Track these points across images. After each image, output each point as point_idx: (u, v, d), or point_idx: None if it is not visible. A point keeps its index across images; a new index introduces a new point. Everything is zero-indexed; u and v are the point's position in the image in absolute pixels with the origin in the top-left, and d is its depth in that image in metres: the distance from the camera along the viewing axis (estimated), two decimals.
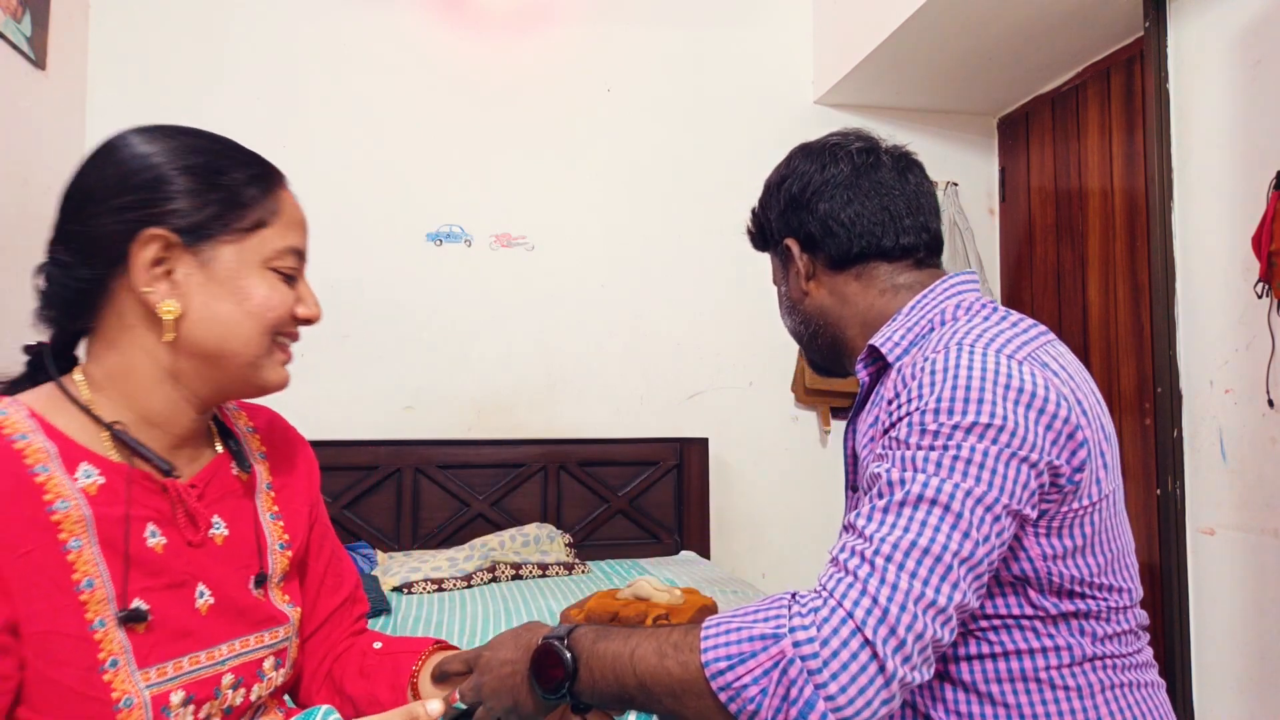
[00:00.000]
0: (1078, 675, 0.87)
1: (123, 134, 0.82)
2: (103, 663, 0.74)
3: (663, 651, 0.80)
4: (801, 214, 1.04)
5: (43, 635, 0.72)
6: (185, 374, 0.82)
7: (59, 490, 0.75)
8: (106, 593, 0.76)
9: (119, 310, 0.80)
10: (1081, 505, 0.87)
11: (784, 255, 1.08)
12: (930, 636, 0.75)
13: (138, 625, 0.77)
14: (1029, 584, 0.87)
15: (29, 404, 0.79)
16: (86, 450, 0.78)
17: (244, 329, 0.81)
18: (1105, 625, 0.89)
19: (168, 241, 0.78)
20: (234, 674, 0.84)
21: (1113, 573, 0.90)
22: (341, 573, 1.02)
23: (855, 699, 0.73)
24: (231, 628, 0.85)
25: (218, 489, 0.88)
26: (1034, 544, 0.86)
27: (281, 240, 0.84)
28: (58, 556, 0.73)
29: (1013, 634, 0.88)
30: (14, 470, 0.73)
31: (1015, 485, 0.80)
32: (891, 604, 0.74)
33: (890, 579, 0.75)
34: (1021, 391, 0.82)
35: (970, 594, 0.77)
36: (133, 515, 0.79)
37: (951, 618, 0.76)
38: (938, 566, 0.76)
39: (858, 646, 0.73)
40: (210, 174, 0.81)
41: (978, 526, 0.78)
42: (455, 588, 2.49)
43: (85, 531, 0.75)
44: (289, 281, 0.85)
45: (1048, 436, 0.82)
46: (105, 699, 0.73)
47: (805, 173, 1.06)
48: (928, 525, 0.77)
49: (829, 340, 1.08)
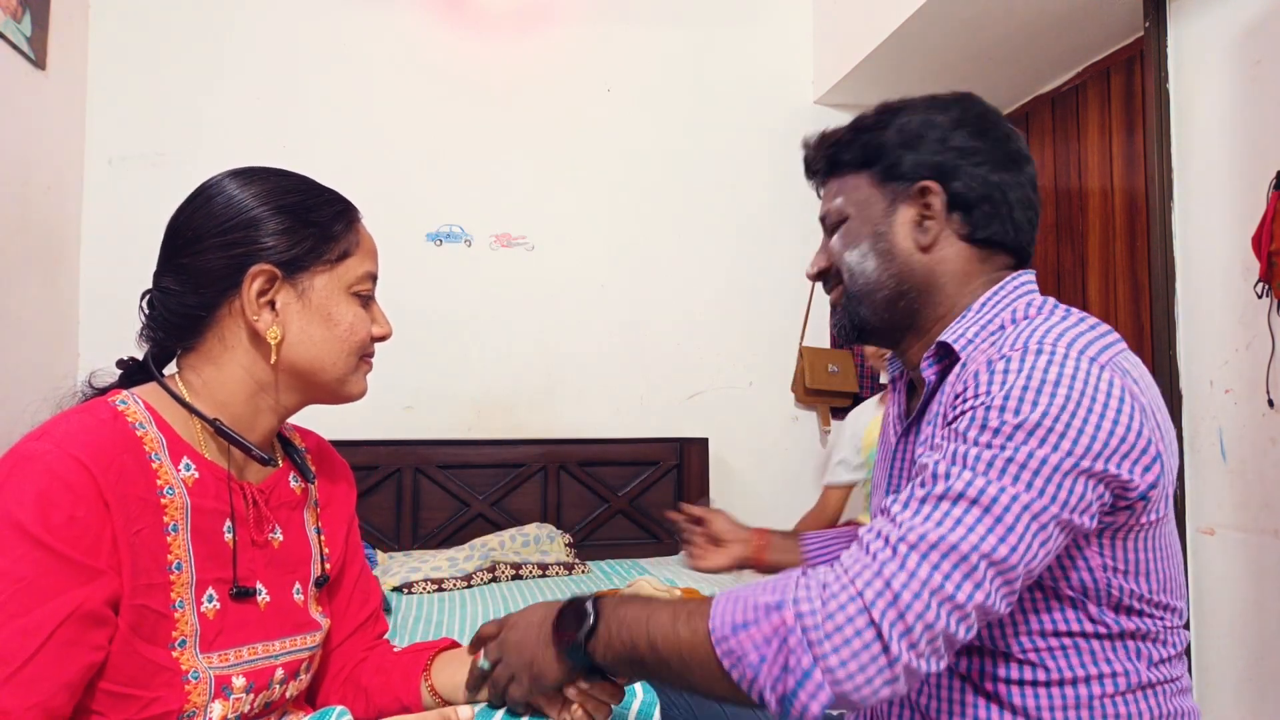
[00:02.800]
0: (1130, 703, 0.85)
1: (220, 178, 0.92)
2: (174, 641, 0.82)
3: (676, 617, 0.81)
4: (965, 166, 0.93)
5: (138, 609, 0.79)
6: (278, 387, 0.92)
7: (167, 478, 0.84)
8: (189, 577, 0.84)
9: (221, 333, 0.90)
10: (1150, 520, 0.83)
11: (902, 195, 0.95)
12: (942, 629, 0.73)
13: (245, 600, 0.88)
14: (1089, 597, 0.84)
15: (143, 398, 0.88)
16: (188, 445, 0.88)
17: (335, 351, 0.92)
18: (1161, 649, 0.87)
19: (272, 275, 0.89)
20: (283, 669, 0.92)
21: (1169, 591, 0.87)
22: (368, 591, 1.09)
23: (855, 674, 0.72)
24: (282, 627, 0.92)
25: (278, 498, 0.97)
26: (1095, 555, 0.83)
27: (361, 267, 0.94)
28: (160, 538, 0.82)
29: (1069, 658, 0.85)
30: (136, 454, 0.82)
31: (1071, 496, 0.76)
32: (905, 590, 0.73)
33: (910, 566, 0.74)
34: (1096, 398, 0.77)
35: (997, 598, 0.75)
36: (217, 510, 0.88)
37: (970, 615, 0.74)
38: (963, 564, 0.73)
39: (863, 625, 0.72)
40: (303, 212, 0.91)
41: (1019, 534, 0.74)
42: (455, 588, 2.49)
43: (183, 519, 0.84)
44: (366, 302, 0.95)
45: (1121, 449, 0.77)
46: (177, 669, 0.81)
47: (988, 126, 0.96)
48: (962, 523, 0.75)
49: (912, 309, 0.96)
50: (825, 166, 1.02)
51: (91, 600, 0.74)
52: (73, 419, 0.81)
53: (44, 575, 0.73)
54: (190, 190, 0.93)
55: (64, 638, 0.72)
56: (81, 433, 0.79)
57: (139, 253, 1.24)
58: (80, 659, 0.74)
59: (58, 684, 0.72)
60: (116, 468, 0.79)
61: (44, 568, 0.73)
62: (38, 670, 0.71)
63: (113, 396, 0.87)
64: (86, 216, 2.84)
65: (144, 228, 1.36)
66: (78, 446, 0.77)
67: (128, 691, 0.78)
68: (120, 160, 2.88)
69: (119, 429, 0.82)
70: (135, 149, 2.89)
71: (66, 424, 0.80)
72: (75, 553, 0.74)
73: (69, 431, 0.79)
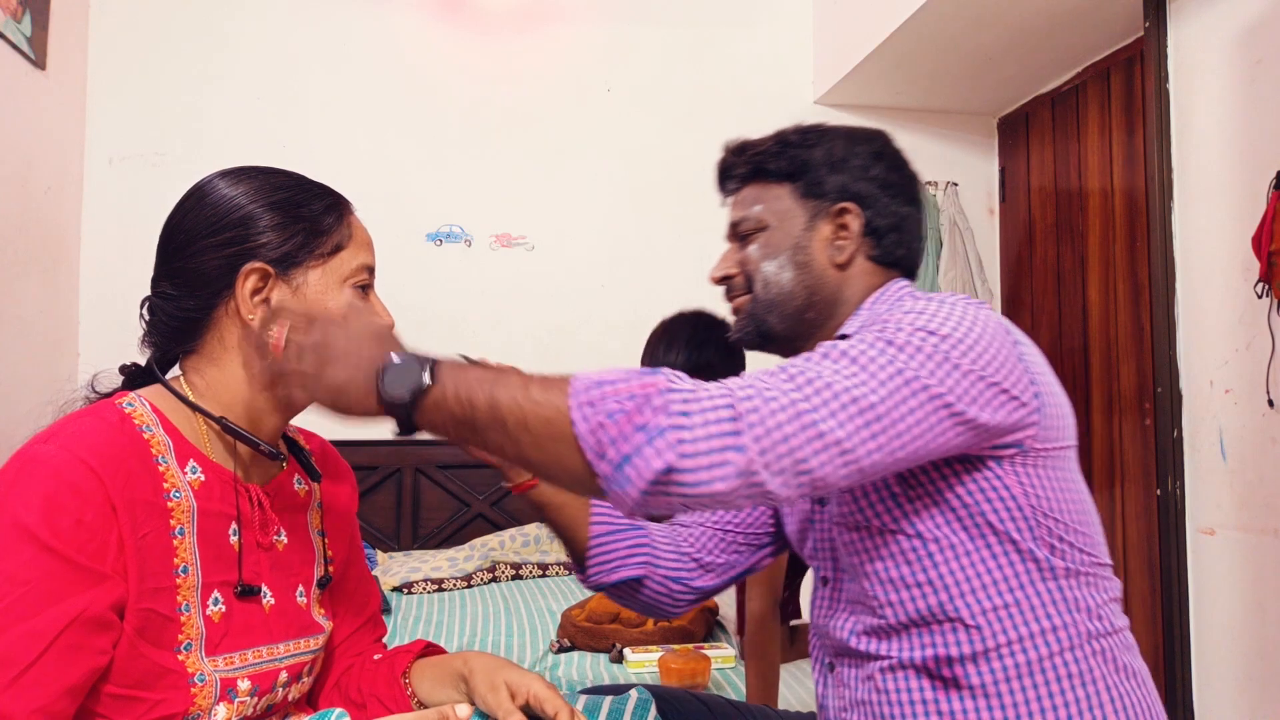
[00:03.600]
0: (1079, 660, 0.87)
1: (210, 179, 0.92)
2: (180, 644, 0.81)
3: (530, 381, 0.77)
4: (881, 196, 1.00)
5: (144, 613, 0.78)
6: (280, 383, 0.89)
7: (174, 481, 0.83)
8: (195, 580, 0.83)
9: (220, 333, 0.89)
10: (1054, 444, 0.88)
11: (822, 213, 1.00)
12: (796, 447, 0.74)
13: (250, 599, 0.87)
14: (1020, 530, 0.87)
15: (149, 400, 0.87)
16: (194, 447, 0.87)
17: None
18: (1096, 594, 0.89)
19: (265, 272, 0.87)
20: (287, 673, 0.91)
21: (1090, 530, 0.91)
22: (367, 594, 1.08)
23: (702, 451, 0.72)
24: (286, 630, 0.91)
25: (283, 500, 0.96)
26: (1014, 479, 0.86)
27: (355, 259, 0.93)
28: (166, 541, 0.81)
29: (1014, 617, 0.87)
30: (143, 458, 0.81)
31: (955, 383, 0.80)
32: (774, 402, 0.75)
33: (784, 388, 0.76)
34: (979, 319, 0.85)
35: (858, 442, 0.76)
36: (223, 513, 0.87)
37: (830, 449, 0.75)
38: (833, 400, 0.76)
39: (726, 413, 0.74)
40: (293, 208, 0.90)
41: (890, 390, 0.78)
42: (455, 588, 2.49)
43: (189, 522, 0.83)
44: (364, 293, 0.94)
45: (1007, 363, 0.84)
46: (183, 672, 0.80)
47: (901, 163, 1.03)
48: (840, 372, 0.78)
49: (817, 320, 1.02)
50: (747, 172, 1.05)
51: (97, 605, 0.74)
52: (80, 421, 0.81)
53: (49, 579, 0.72)
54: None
55: (68, 642, 0.72)
56: (89, 435, 0.79)
57: (139, 253, 1.25)
58: (84, 663, 0.73)
59: (61, 689, 0.71)
60: (124, 471, 0.78)
61: (50, 572, 0.72)
62: (41, 674, 0.70)
63: (119, 399, 0.86)
64: (86, 216, 2.84)
65: (144, 228, 1.36)
66: (85, 449, 0.77)
67: (133, 694, 0.78)
68: (120, 160, 2.88)
69: (126, 432, 0.82)
70: (135, 149, 2.89)
71: (74, 426, 0.80)
72: (81, 557, 0.74)
73: (76, 434, 0.79)
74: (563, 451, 0.75)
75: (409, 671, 0.99)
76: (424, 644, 1.04)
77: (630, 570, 1.08)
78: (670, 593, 1.11)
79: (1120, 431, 2.78)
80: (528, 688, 0.88)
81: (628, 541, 1.09)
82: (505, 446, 0.78)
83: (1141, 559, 2.67)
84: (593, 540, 1.07)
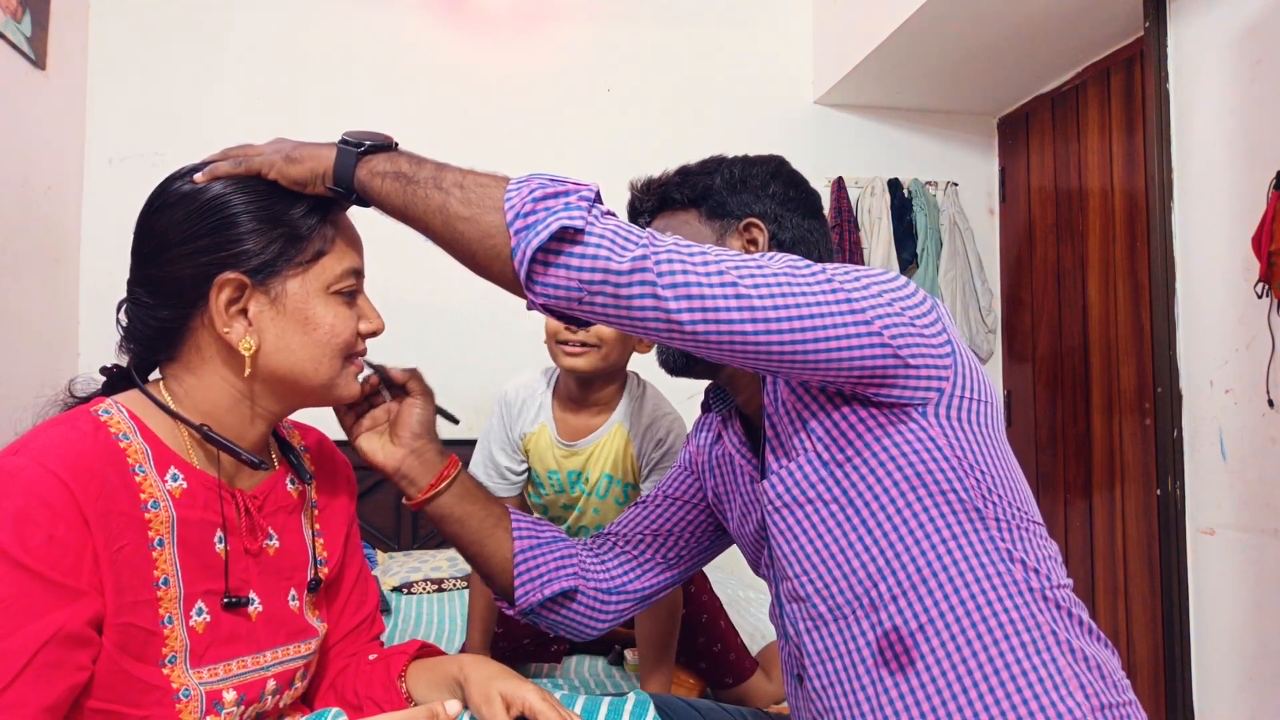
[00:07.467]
0: (1028, 618, 0.85)
1: (183, 175, 0.88)
2: (164, 657, 0.79)
3: (478, 170, 0.86)
4: (783, 212, 1.06)
5: (123, 628, 0.76)
6: (261, 395, 0.88)
7: (152, 491, 0.80)
8: (177, 591, 0.81)
9: (197, 344, 0.86)
10: (973, 396, 0.90)
11: (730, 230, 1.06)
12: (704, 282, 0.79)
13: (236, 610, 0.85)
14: (949, 480, 0.87)
15: (127, 406, 0.84)
16: (175, 454, 0.84)
17: (316, 356, 0.87)
18: (1033, 547, 0.89)
19: (240, 283, 0.83)
20: (275, 680, 0.89)
21: (1020, 487, 0.92)
22: (366, 592, 1.06)
23: (611, 226, 0.80)
24: (274, 637, 0.89)
25: (274, 503, 0.93)
26: (939, 430, 0.88)
27: (340, 264, 0.89)
28: (144, 554, 0.79)
29: (949, 569, 0.86)
30: (119, 468, 0.78)
31: (874, 300, 0.85)
32: (695, 257, 0.81)
33: (709, 258, 0.82)
34: (908, 282, 0.91)
35: (771, 311, 0.80)
36: (208, 520, 0.84)
37: (740, 299, 0.80)
38: (758, 275, 0.82)
39: (636, 230, 0.81)
40: (268, 213, 0.85)
41: (819, 286, 0.83)
42: (455, 588, 2.48)
43: (169, 532, 0.81)
44: (350, 298, 0.90)
45: (923, 305, 0.89)
46: (167, 688, 0.78)
47: (798, 180, 1.09)
48: (770, 267, 0.83)
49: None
50: (655, 204, 1.12)
51: (73, 621, 0.72)
52: (52, 431, 0.78)
53: (24, 597, 0.70)
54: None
55: (46, 660, 0.70)
56: (60, 446, 0.76)
57: None
58: (63, 681, 0.71)
59: (40, 707, 0.69)
60: (97, 483, 0.75)
61: (23, 589, 0.70)
62: (20, 694, 0.68)
63: (95, 405, 0.83)
64: (86, 216, 2.84)
65: None
66: (56, 461, 0.74)
67: (116, 709, 0.76)
68: (120, 160, 2.88)
69: (100, 441, 0.79)
70: (135, 149, 2.89)
71: (45, 437, 0.77)
72: (55, 573, 0.71)
73: (47, 446, 0.75)
74: (488, 210, 0.82)
75: (405, 674, 0.98)
76: (419, 644, 1.03)
77: (563, 582, 1.06)
78: (603, 605, 1.10)
79: (1120, 431, 2.78)
80: (523, 698, 0.86)
81: (557, 553, 1.08)
82: (432, 201, 0.84)
83: (1141, 559, 2.67)
84: (518, 555, 1.05)
